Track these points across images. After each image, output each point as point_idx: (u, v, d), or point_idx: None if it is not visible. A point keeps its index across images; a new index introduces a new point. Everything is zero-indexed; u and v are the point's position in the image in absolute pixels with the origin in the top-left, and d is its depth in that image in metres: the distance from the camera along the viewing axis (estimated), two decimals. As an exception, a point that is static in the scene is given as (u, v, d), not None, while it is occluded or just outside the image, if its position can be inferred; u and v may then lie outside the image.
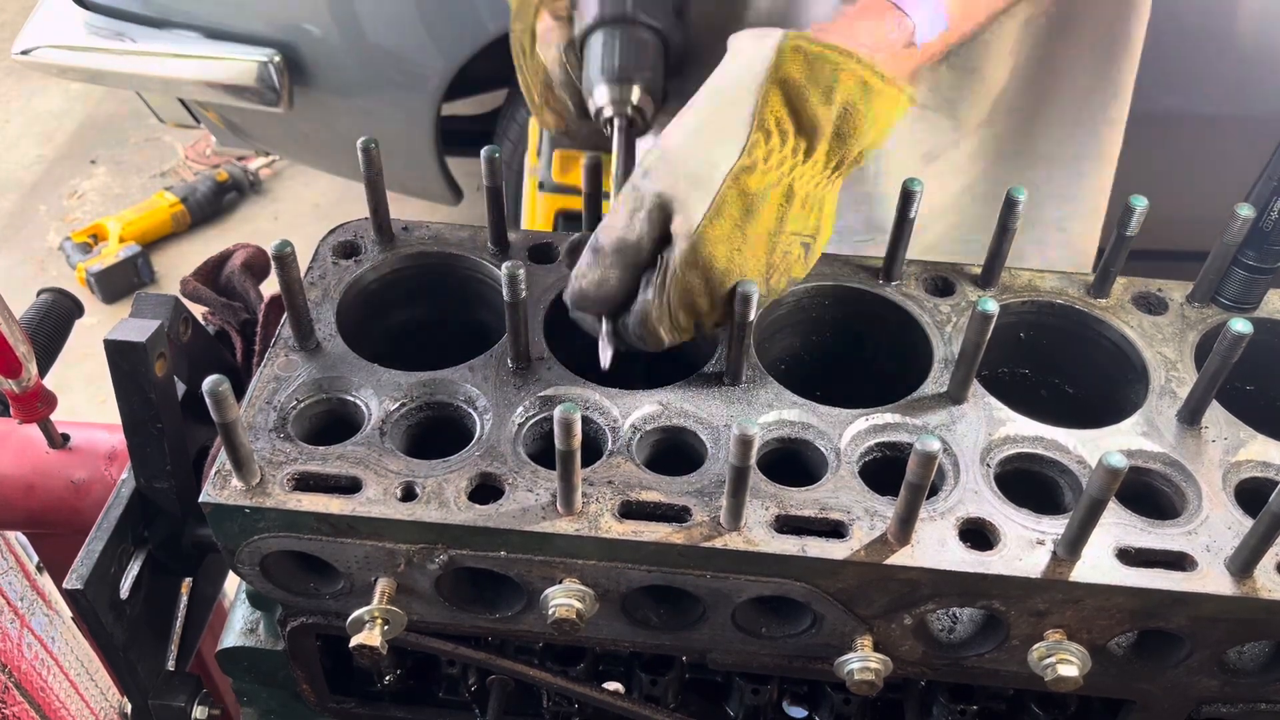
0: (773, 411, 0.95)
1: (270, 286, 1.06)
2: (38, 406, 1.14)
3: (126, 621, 1.04)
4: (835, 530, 0.85)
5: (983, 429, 0.94)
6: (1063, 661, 0.84)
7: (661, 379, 0.96)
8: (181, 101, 3.07)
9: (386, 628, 0.88)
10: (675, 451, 0.94)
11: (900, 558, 0.83)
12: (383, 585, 0.89)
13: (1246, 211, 0.98)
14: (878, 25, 0.92)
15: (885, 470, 0.91)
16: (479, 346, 0.99)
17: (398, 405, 0.94)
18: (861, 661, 0.87)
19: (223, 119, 3.08)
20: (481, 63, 2.65)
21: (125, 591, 1.03)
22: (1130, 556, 0.84)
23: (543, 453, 0.92)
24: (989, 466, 0.91)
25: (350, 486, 0.88)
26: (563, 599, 0.86)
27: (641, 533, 0.84)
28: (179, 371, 1.04)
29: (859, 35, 0.91)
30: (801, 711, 1.11)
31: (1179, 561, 0.84)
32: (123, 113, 4.59)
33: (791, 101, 0.89)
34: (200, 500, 0.86)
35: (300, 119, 2.91)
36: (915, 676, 0.98)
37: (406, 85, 2.79)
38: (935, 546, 0.84)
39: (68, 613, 1.22)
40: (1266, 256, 1.01)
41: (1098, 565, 0.83)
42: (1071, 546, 0.82)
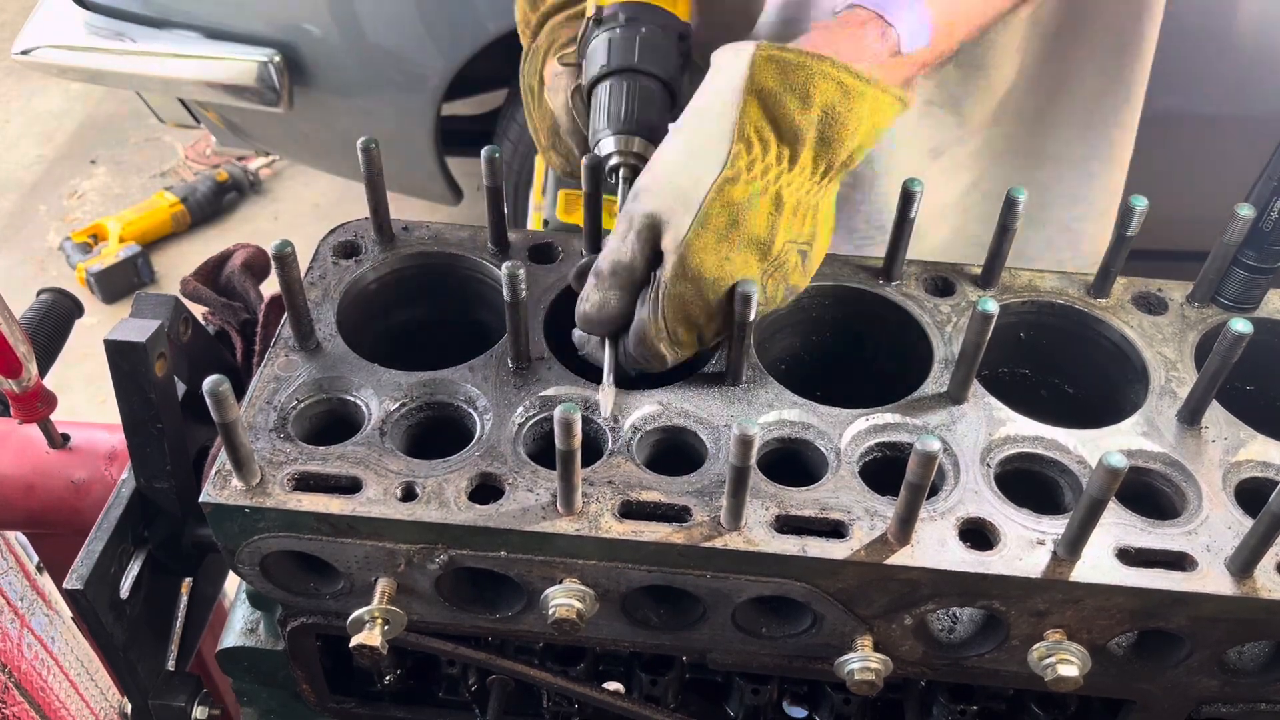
0: (773, 411, 0.95)
1: (270, 286, 1.06)
2: (38, 406, 1.14)
3: (126, 621, 1.04)
4: (835, 530, 0.86)
5: (983, 429, 0.94)
6: (1063, 661, 0.84)
7: (662, 379, 0.96)
8: (181, 101, 3.07)
9: (386, 628, 0.88)
10: (675, 451, 0.94)
11: (900, 558, 0.83)
12: (383, 585, 0.89)
13: (1246, 211, 0.98)
14: (858, 34, 0.93)
15: (885, 470, 0.91)
16: (479, 346, 0.99)
17: (398, 405, 0.94)
18: (861, 661, 0.87)
19: (223, 119, 3.08)
20: (481, 63, 2.65)
21: (125, 591, 1.03)
22: (1130, 556, 0.84)
23: (543, 453, 0.92)
24: (989, 466, 0.91)
25: (350, 486, 0.88)
26: (563, 599, 0.86)
27: (641, 533, 0.84)
28: (179, 371, 1.04)
29: (839, 44, 0.92)
30: (801, 711, 1.11)
31: (1179, 561, 0.84)
32: (123, 113, 4.59)
33: (769, 110, 0.90)
34: (200, 500, 0.86)
35: (300, 119, 2.91)
36: (915, 676, 0.98)
37: (406, 85, 2.79)
38: (935, 546, 0.84)
39: (68, 613, 1.21)
40: (1266, 256, 1.01)
41: (1098, 565, 0.83)
42: (1071, 546, 0.83)
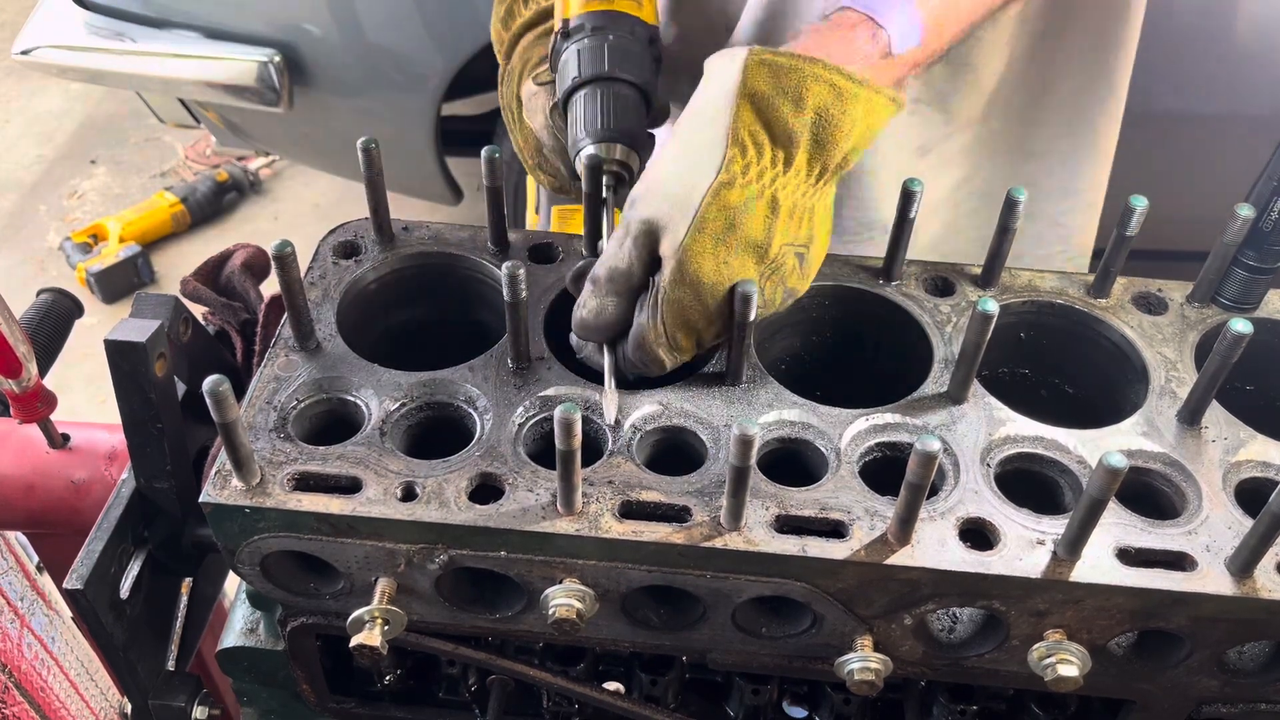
0: (773, 411, 0.95)
1: (270, 286, 1.06)
2: (38, 406, 1.14)
3: (126, 621, 1.04)
4: (835, 530, 0.86)
5: (983, 429, 0.94)
6: (1063, 661, 0.84)
7: (661, 379, 0.96)
8: (181, 101, 3.07)
9: (386, 628, 0.88)
10: (675, 451, 0.94)
11: (900, 558, 0.83)
12: (383, 585, 0.89)
13: (1246, 211, 0.98)
14: (849, 37, 0.92)
15: (885, 470, 0.91)
16: (479, 346, 0.99)
17: (398, 405, 0.94)
18: (861, 661, 0.87)
19: (223, 119, 3.08)
20: (481, 63, 2.65)
21: (125, 591, 1.03)
22: (1130, 556, 0.84)
23: (543, 453, 0.92)
24: (989, 466, 0.91)
25: (350, 486, 0.88)
26: (563, 599, 0.86)
27: (641, 533, 0.84)
28: (179, 371, 1.04)
29: (830, 47, 0.92)
30: (801, 711, 1.11)
31: (1179, 561, 0.84)
32: (123, 113, 4.59)
33: (763, 113, 0.90)
34: (200, 500, 0.86)
35: (300, 119, 2.91)
36: (915, 676, 0.98)
37: (406, 85, 2.79)
38: (935, 546, 0.84)
39: (68, 613, 1.21)
40: (1266, 256, 1.01)
41: (1098, 565, 0.83)
42: (1071, 546, 0.83)
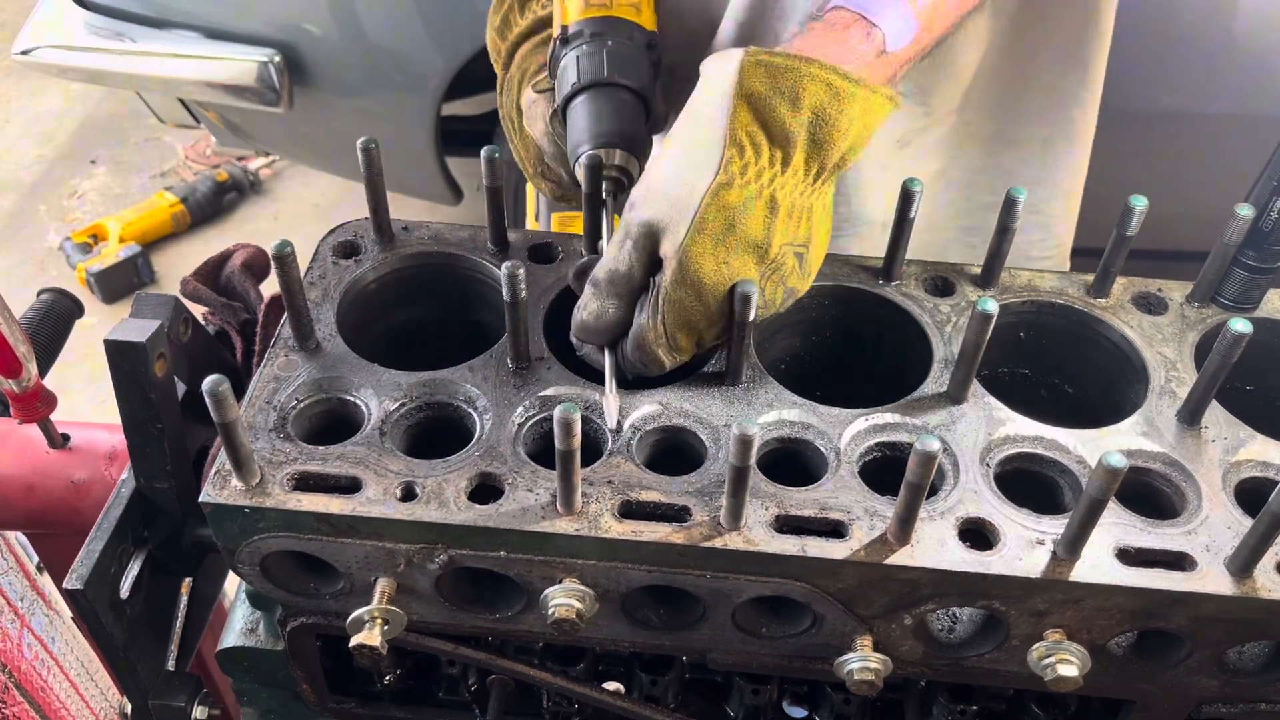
0: (773, 411, 0.95)
1: (270, 286, 1.06)
2: (38, 406, 1.14)
3: (126, 621, 1.04)
4: (835, 530, 0.86)
5: (983, 429, 0.94)
6: (1063, 661, 0.84)
7: (661, 379, 0.96)
8: (181, 101, 3.07)
9: (386, 628, 0.88)
10: (675, 451, 0.94)
11: (900, 558, 0.83)
12: (383, 585, 0.89)
13: (1246, 211, 0.98)
14: (843, 37, 0.92)
15: (885, 470, 0.91)
16: (479, 346, 0.99)
17: (398, 405, 0.94)
18: (861, 661, 0.87)
19: (223, 119, 3.08)
20: (481, 63, 2.64)
21: (125, 591, 1.03)
22: (1130, 556, 0.84)
23: (543, 453, 0.92)
24: (989, 466, 0.91)
25: (350, 486, 0.88)
26: (563, 599, 0.86)
27: (641, 533, 0.84)
28: (179, 371, 1.04)
29: (825, 48, 0.92)
30: (801, 711, 1.11)
31: (1179, 561, 0.84)
32: (123, 113, 4.59)
33: (760, 114, 0.90)
34: (200, 500, 0.86)
35: (300, 119, 2.91)
36: (915, 676, 0.98)
37: (406, 85, 2.78)
38: (935, 546, 0.84)
39: (68, 613, 1.21)
40: (1266, 256, 1.01)
41: (1098, 565, 0.83)
42: (1071, 546, 0.82)
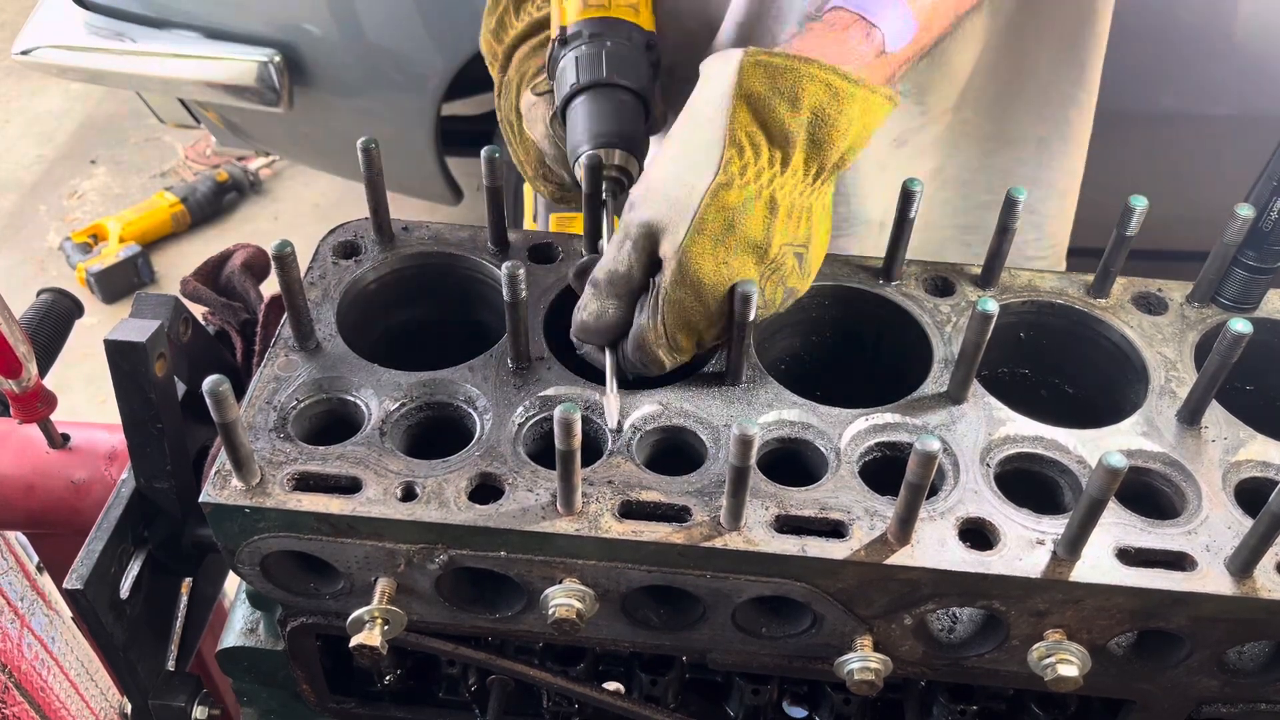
0: (773, 411, 0.95)
1: (270, 286, 1.06)
2: (38, 406, 1.14)
3: (126, 621, 1.04)
4: (835, 530, 0.85)
5: (983, 429, 0.94)
6: (1063, 661, 0.84)
7: (662, 379, 0.96)
8: (181, 101, 3.07)
9: (386, 628, 0.88)
10: (675, 451, 0.94)
11: (900, 558, 0.83)
12: (383, 585, 0.89)
13: (1246, 211, 0.98)
14: (842, 37, 0.93)
15: (885, 470, 0.91)
16: (479, 346, 0.99)
17: (398, 405, 0.94)
18: (861, 661, 0.87)
19: (223, 119, 3.08)
20: (482, 63, 2.64)
21: (125, 591, 1.03)
22: (1130, 556, 0.84)
23: (543, 453, 0.92)
24: (989, 466, 0.91)
25: (350, 486, 0.88)
26: (563, 599, 0.86)
27: (641, 533, 0.84)
28: (179, 371, 1.04)
29: (825, 48, 0.92)
30: (801, 711, 1.11)
31: (1179, 561, 0.84)
32: (123, 113, 4.59)
33: (759, 114, 0.90)
34: (200, 500, 0.86)
35: (300, 119, 2.91)
36: (915, 676, 0.98)
37: (406, 85, 2.79)
38: (935, 546, 0.84)
39: (68, 613, 1.21)
40: (1266, 256, 1.01)
41: (1098, 565, 0.83)
42: (1071, 546, 0.82)
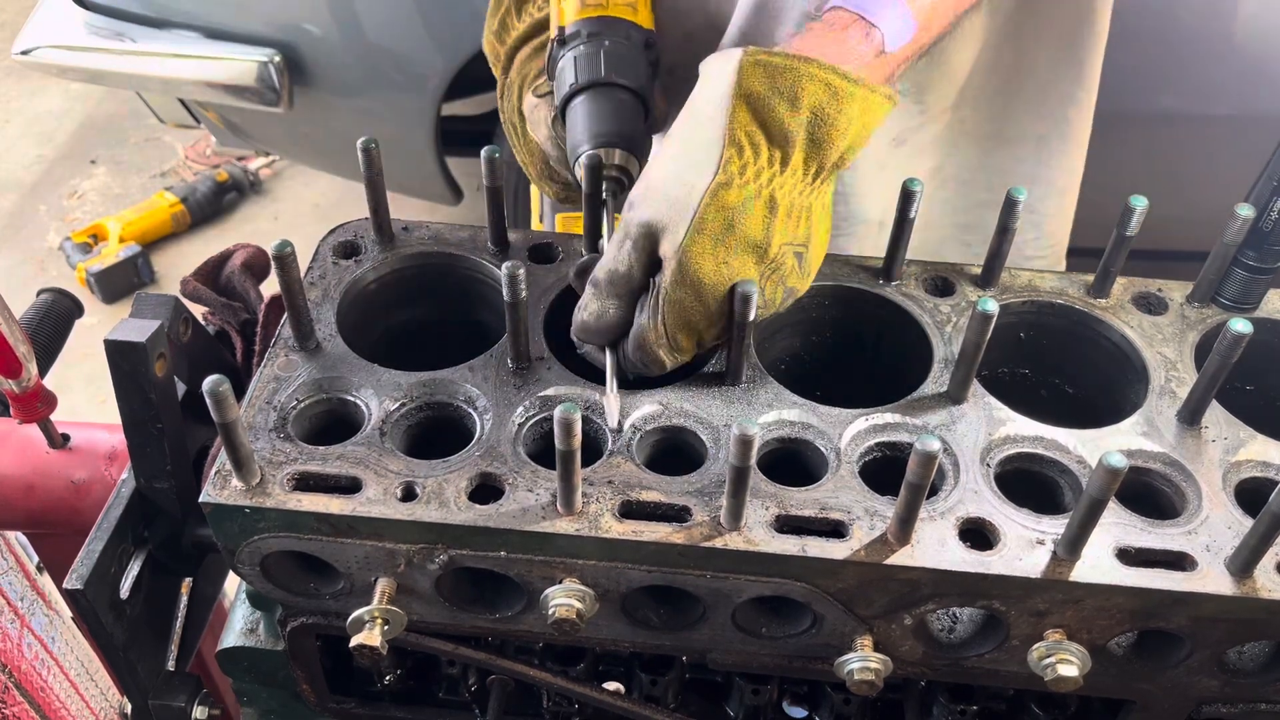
0: (773, 411, 0.95)
1: (270, 286, 1.06)
2: (38, 406, 1.14)
3: (126, 621, 1.04)
4: (835, 530, 0.86)
5: (983, 429, 0.94)
6: (1063, 661, 0.84)
7: (662, 379, 0.96)
8: (181, 101, 3.07)
9: (386, 628, 0.88)
10: (675, 451, 0.94)
11: (900, 558, 0.83)
12: (383, 585, 0.89)
13: (1246, 211, 0.98)
14: (842, 37, 0.93)
15: (885, 470, 0.91)
16: (479, 346, 0.99)
17: (398, 405, 0.94)
18: (861, 661, 0.87)
19: (223, 119, 3.08)
20: (482, 63, 2.64)
21: (125, 591, 1.03)
22: (1130, 556, 0.84)
23: (543, 453, 0.92)
24: (989, 466, 0.91)
25: (350, 486, 0.88)
26: (563, 599, 0.86)
27: (641, 533, 0.84)
28: (179, 371, 1.04)
29: (825, 48, 0.92)
30: (801, 711, 1.11)
31: (1179, 561, 0.84)
32: (123, 113, 4.59)
33: (759, 114, 0.90)
34: (200, 500, 0.86)
35: (300, 119, 2.91)
36: (915, 676, 0.98)
37: (406, 85, 2.78)
38: (935, 546, 0.84)
39: (68, 613, 1.21)
40: (1266, 256, 1.01)
41: (1098, 565, 0.83)
42: (1071, 546, 0.82)
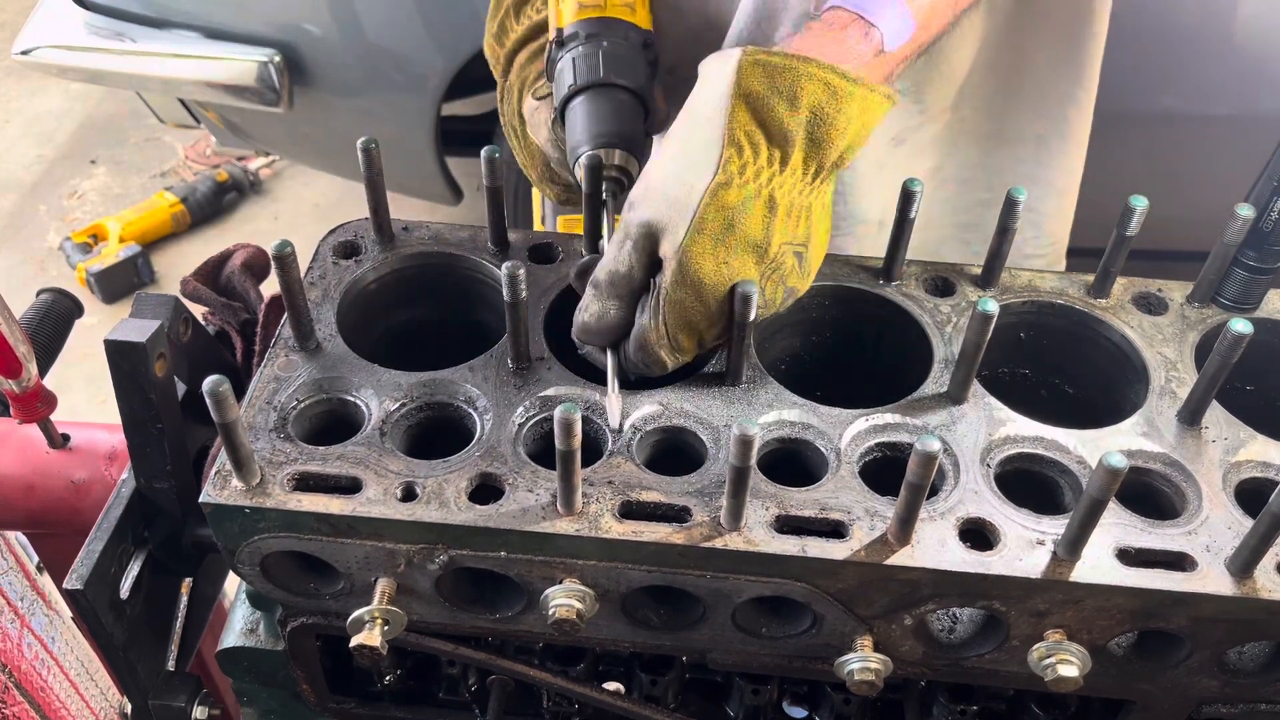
0: (773, 411, 0.95)
1: (270, 286, 1.06)
2: (38, 406, 1.14)
3: (126, 621, 1.04)
4: (835, 530, 0.85)
5: (983, 429, 0.94)
6: (1063, 662, 0.84)
7: (662, 379, 0.96)
8: (181, 101, 3.07)
9: (386, 628, 0.88)
10: (675, 451, 0.94)
11: (900, 558, 0.83)
12: (383, 585, 0.89)
13: (1246, 211, 0.98)
14: (841, 37, 0.93)
15: (885, 470, 0.91)
16: (479, 346, 0.99)
17: (398, 405, 0.94)
18: (861, 662, 0.87)
19: (223, 119, 3.08)
20: (482, 63, 2.64)
21: (125, 591, 1.03)
22: (1130, 557, 0.84)
23: (543, 453, 0.92)
24: (989, 466, 0.91)
25: (350, 486, 0.88)
26: (563, 599, 0.86)
27: (641, 533, 0.84)
28: (179, 371, 1.04)
29: (823, 47, 0.92)
30: (801, 711, 1.11)
31: (1179, 562, 0.84)
32: (123, 113, 4.59)
33: (758, 113, 0.90)
34: (200, 500, 0.86)
35: (300, 119, 2.91)
36: (915, 676, 0.98)
37: (406, 85, 2.78)
38: (935, 547, 0.84)
39: (68, 613, 1.21)
40: (1266, 256, 1.01)
41: (1098, 565, 0.83)
42: (1071, 546, 0.82)
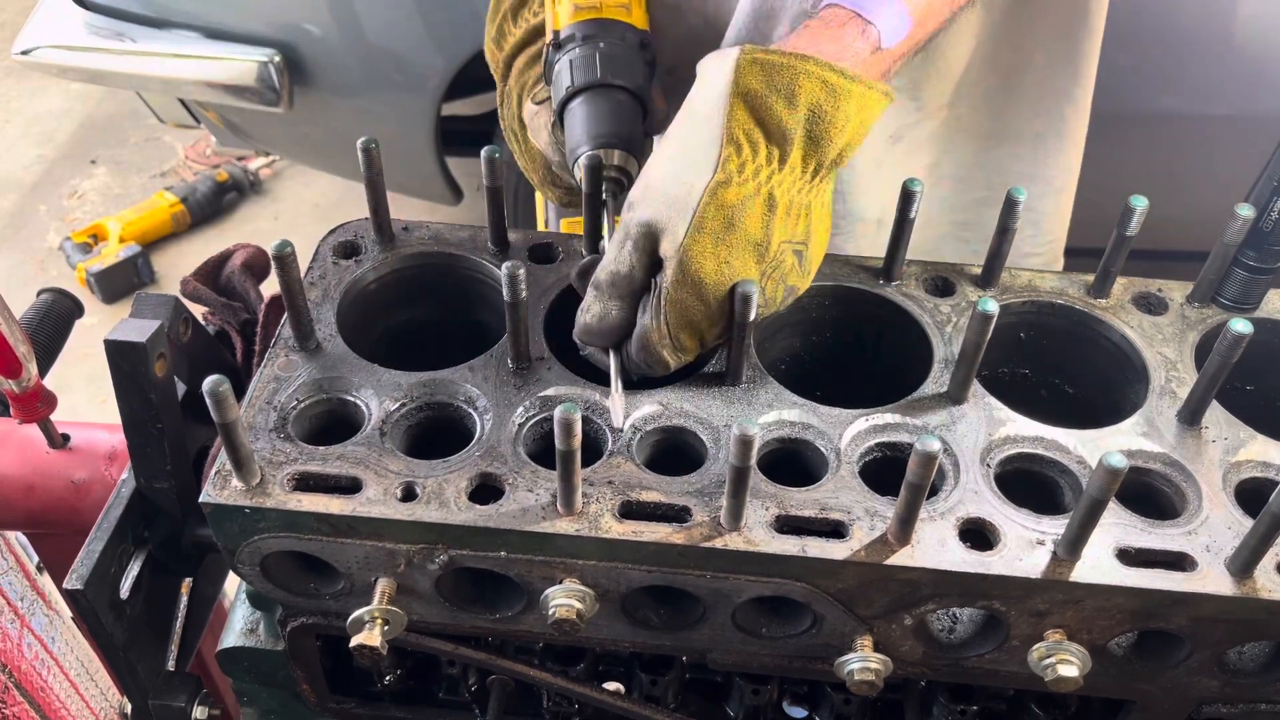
0: (773, 411, 0.95)
1: (270, 286, 1.06)
2: (38, 406, 1.14)
3: (126, 621, 1.04)
4: (835, 530, 0.86)
5: (983, 429, 0.94)
6: (1063, 662, 0.84)
7: (662, 379, 0.96)
8: (181, 101, 3.07)
9: (386, 628, 0.88)
10: (675, 451, 0.94)
11: (900, 558, 0.83)
12: (383, 585, 0.89)
13: (1246, 211, 0.98)
14: (838, 34, 0.93)
15: (885, 470, 0.91)
16: (479, 346, 0.99)
17: (398, 405, 0.94)
18: (861, 662, 0.87)
19: (223, 119, 3.08)
20: (481, 63, 2.64)
21: (125, 591, 1.03)
22: (1130, 557, 0.84)
23: (543, 453, 0.92)
24: (989, 466, 0.91)
25: (350, 486, 0.88)
26: (563, 599, 0.86)
27: (641, 533, 0.84)
28: (179, 371, 1.04)
29: (821, 45, 0.92)
30: (801, 711, 1.11)
31: (1179, 562, 0.84)
32: (123, 113, 4.59)
33: (756, 112, 0.90)
34: (200, 500, 0.86)
35: (300, 119, 2.91)
36: (915, 676, 0.98)
37: (406, 85, 2.78)
38: (935, 547, 0.84)
39: (68, 613, 1.21)
40: (1266, 256, 1.01)
41: (1098, 565, 0.83)
42: (1071, 546, 0.83)
